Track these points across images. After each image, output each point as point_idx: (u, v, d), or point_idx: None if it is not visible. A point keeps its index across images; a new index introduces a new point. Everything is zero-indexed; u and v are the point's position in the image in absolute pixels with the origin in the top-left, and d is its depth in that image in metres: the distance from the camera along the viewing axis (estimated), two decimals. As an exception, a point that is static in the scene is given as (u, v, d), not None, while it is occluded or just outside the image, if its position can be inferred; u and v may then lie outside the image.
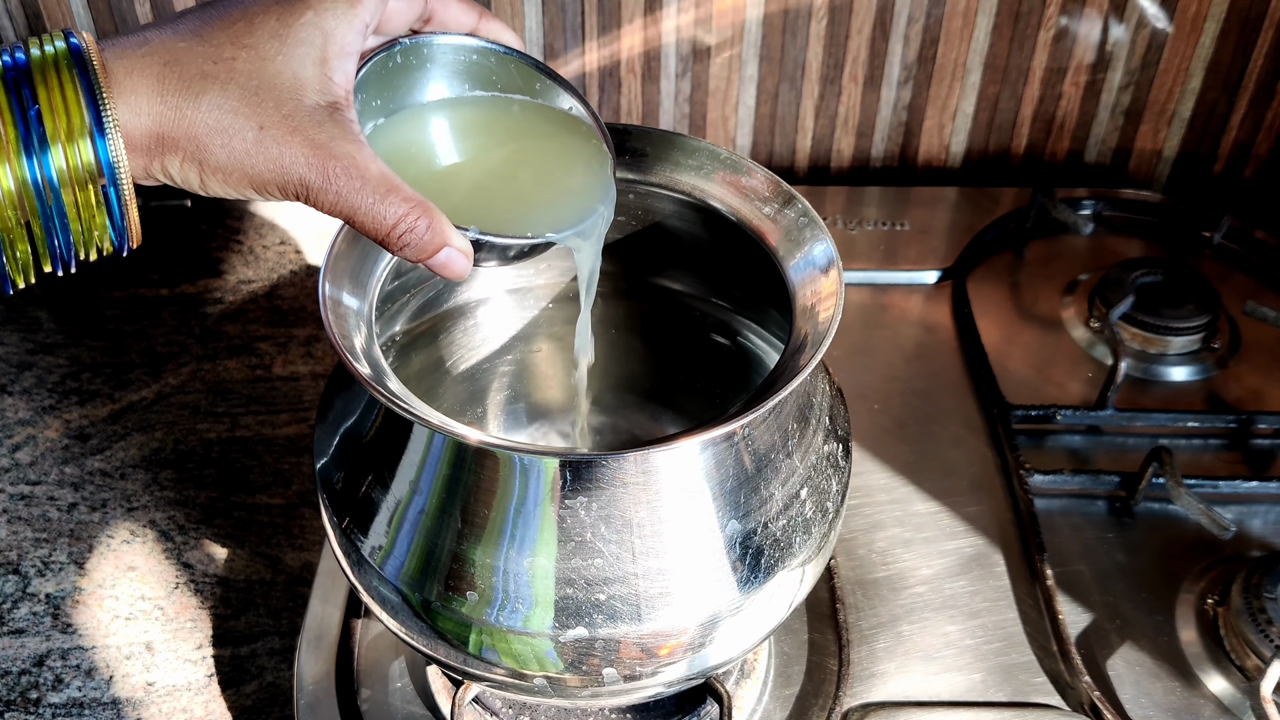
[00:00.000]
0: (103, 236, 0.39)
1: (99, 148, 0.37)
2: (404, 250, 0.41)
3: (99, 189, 0.37)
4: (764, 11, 0.87)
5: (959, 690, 0.59)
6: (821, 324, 0.44)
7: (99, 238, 0.39)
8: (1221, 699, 0.59)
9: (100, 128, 0.36)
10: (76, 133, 0.36)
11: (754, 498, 0.45)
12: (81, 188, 0.37)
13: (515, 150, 0.48)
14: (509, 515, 0.43)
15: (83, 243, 0.38)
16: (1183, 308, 0.79)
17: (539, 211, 0.46)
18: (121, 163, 0.37)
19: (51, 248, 0.38)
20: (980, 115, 0.93)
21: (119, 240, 0.39)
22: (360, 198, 0.39)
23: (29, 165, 0.36)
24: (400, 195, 0.40)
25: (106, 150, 0.37)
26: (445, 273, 0.42)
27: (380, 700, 0.57)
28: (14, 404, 0.77)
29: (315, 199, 0.39)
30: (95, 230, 0.38)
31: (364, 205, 0.40)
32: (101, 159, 0.37)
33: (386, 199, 0.40)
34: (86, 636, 0.63)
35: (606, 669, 0.44)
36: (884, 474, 0.70)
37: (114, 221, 0.38)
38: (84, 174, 0.37)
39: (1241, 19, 0.88)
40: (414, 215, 0.40)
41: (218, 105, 0.38)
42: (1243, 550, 0.66)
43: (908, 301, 0.84)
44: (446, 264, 0.42)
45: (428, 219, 0.41)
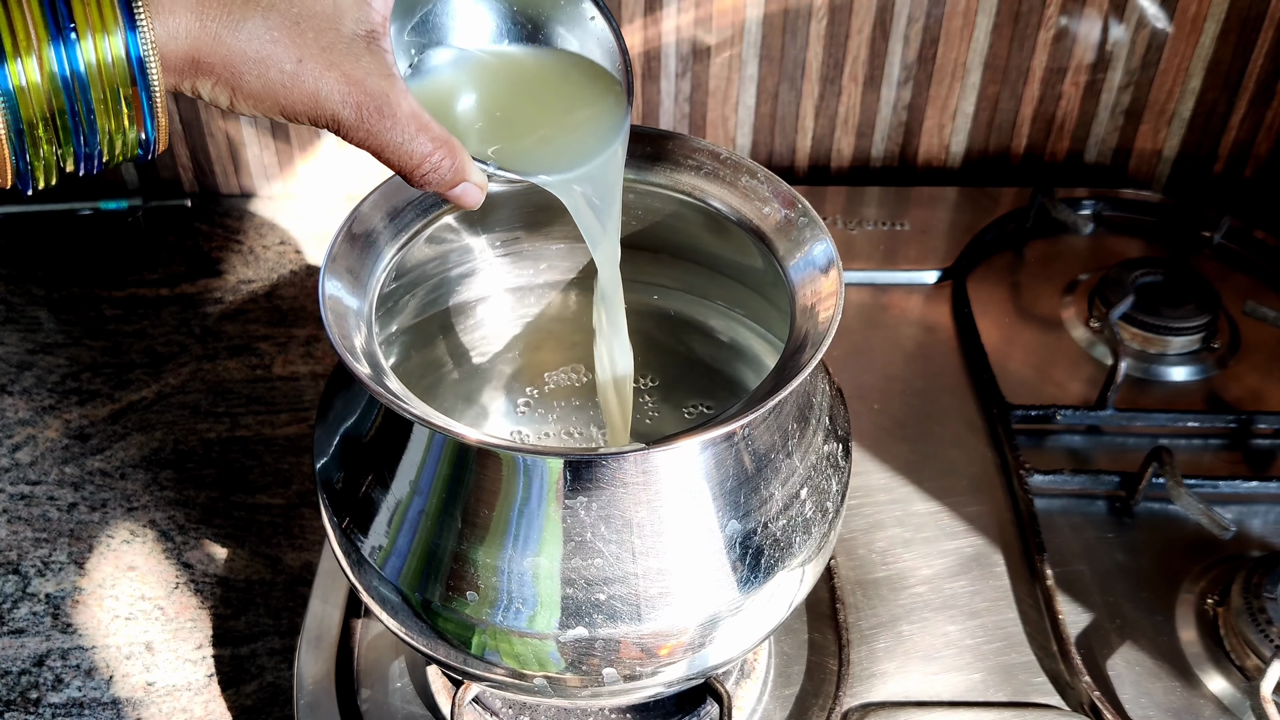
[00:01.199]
0: (131, 138, 0.38)
1: (130, 43, 0.36)
2: (425, 184, 0.42)
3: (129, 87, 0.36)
4: (764, 11, 0.87)
5: (959, 690, 0.59)
6: (821, 324, 0.44)
7: (127, 139, 0.38)
8: (1221, 699, 0.59)
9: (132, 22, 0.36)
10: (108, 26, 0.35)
11: (754, 498, 0.45)
12: (110, 84, 0.36)
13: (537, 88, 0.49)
14: (509, 515, 0.43)
15: (108, 144, 0.38)
16: (1183, 308, 0.79)
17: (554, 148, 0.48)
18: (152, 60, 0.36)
19: (77, 145, 0.37)
20: (980, 115, 0.93)
21: (146, 141, 0.38)
22: (390, 135, 0.40)
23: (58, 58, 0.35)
24: (428, 134, 0.41)
25: (138, 45, 0.36)
26: (460, 202, 0.44)
27: (380, 700, 0.57)
28: (14, 404, 0.77)
29: (345, 133, 0.40)
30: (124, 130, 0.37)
31: (393, 142, 0.40)
32: (132, 54, 0.36)
33: (416, 137, 0.41)
34: (86, 636, 0.63)
35: (606, 669, 0.44)
36: (884, 474, 0.70)
37: (142, 122, 0.38)
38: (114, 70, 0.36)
39: (1241, 19, 0.88)
40: (440, 154, 0.41)
41: (258, 34, 0.37)
42: (1243, 550, 0.66)
43: (908, 301, 0.84)
44: (462, 195, 0.44)
45: (452, 158, 0.42)
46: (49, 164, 0.37)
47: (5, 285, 0.87)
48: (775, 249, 0.50)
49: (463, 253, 0.57)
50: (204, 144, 0.93)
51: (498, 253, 0.58)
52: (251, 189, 0.97)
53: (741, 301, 0.58)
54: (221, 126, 0.92)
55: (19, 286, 0.87)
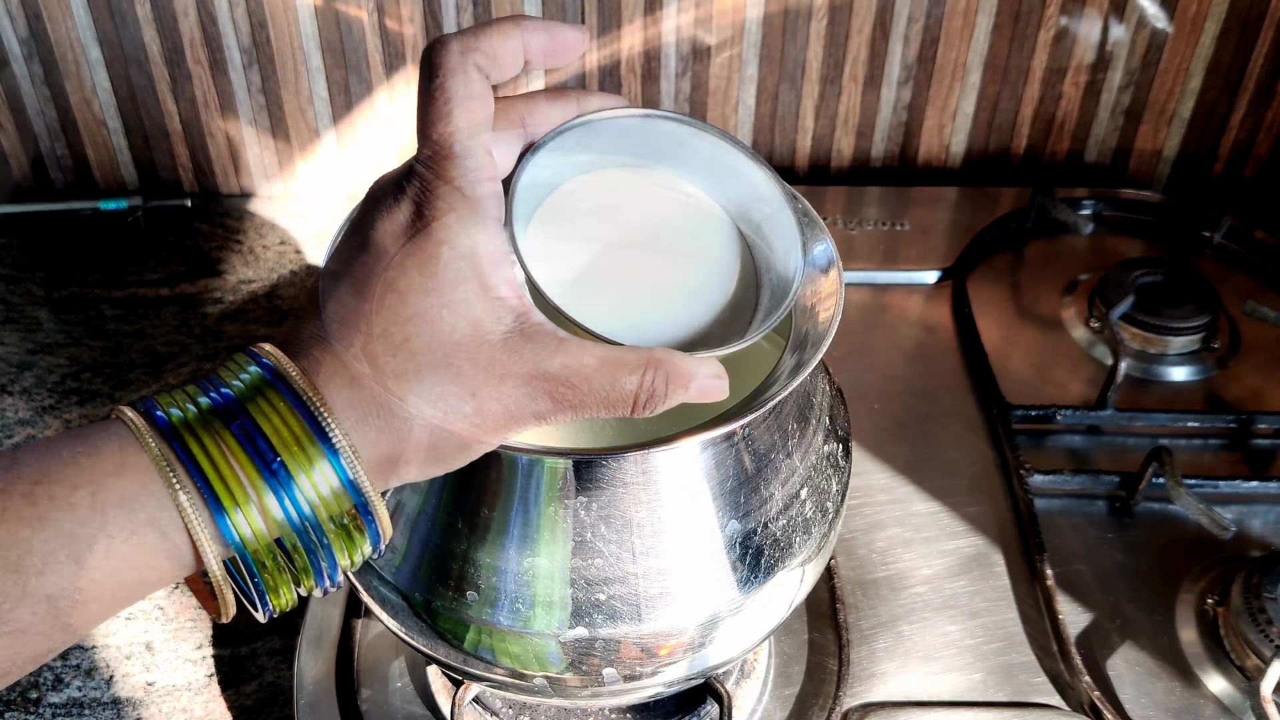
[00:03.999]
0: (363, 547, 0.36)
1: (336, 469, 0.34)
2: (655, 410, 0.38)
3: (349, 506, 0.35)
4: (764, 11, 0.87)
5: (959, 690, 0.59)
6: (821, 324, 0.44)
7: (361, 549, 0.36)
8: (1221, 699, 0.59)
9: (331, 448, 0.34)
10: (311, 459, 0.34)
11: (754, 498, 0.45)
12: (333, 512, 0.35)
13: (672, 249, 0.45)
14: (509, 515, 0.43)
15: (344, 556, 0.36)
16: (1183, 308, 0.79)
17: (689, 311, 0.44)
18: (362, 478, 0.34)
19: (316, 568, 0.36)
20: (980, 115, 0.93)
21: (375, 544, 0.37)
22: (594, 399, 0.37)
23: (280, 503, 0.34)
24: (624, 369, 0.37)
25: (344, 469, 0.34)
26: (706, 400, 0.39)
27: (380, 700, 0.57)
28: (14, 404, 0.77)
29: (555, 420, 0.37)
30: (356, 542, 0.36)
31: (601, 402, 0.37)
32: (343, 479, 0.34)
33: (616, 382, 0.37)
34: (86, 636, 0.63)
35: (606, 669, 0.44)
36: (884, 474, 0.70)
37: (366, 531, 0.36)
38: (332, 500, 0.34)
39: (1241, 19, 0.88)
40: (649, 379, 0.37)
41: (425, 402, 0.35)
42: (1243, 550, 0.66)
43: (908, 301, 0.84)
44: (701, 395, 0.39)
45: (663, 373, 0.37)
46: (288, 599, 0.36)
47: (5, 285, 0.87)
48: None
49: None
50: (204, 144, 0.94)
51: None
52: (251, 189, 0.97)
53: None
54: (221, 126, 0.92)
55: (19, 286, 0.87)
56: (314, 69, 0.89)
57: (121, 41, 0.88)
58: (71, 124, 0.92)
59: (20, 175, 0.95)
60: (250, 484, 0.33)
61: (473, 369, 0.35)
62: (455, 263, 0.36)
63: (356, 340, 0.35)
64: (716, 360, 0.39)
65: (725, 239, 0.45)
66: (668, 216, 0.45)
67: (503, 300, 0.36)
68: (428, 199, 0.36)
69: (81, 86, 0.90)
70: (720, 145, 0.44)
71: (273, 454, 0.33)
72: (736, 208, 0.46)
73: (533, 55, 0.39)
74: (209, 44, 0.88)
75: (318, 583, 0.36)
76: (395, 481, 0.36)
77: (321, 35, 0.88)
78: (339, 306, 0.36)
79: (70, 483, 0.32)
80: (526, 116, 0.41)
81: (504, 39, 0.38)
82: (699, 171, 0.45)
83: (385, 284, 0.36)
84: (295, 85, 0.90)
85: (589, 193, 0.44)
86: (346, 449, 0.34)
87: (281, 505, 0.34)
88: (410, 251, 0.36)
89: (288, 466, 0.33)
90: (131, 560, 0.33)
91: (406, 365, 0.35)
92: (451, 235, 0.36)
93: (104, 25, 0.87)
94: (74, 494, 0.32)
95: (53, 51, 0.88)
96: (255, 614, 0.36)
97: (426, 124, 0.36)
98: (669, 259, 0.44)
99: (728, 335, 0.43)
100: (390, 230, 0.36)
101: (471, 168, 0.36)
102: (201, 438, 0.33)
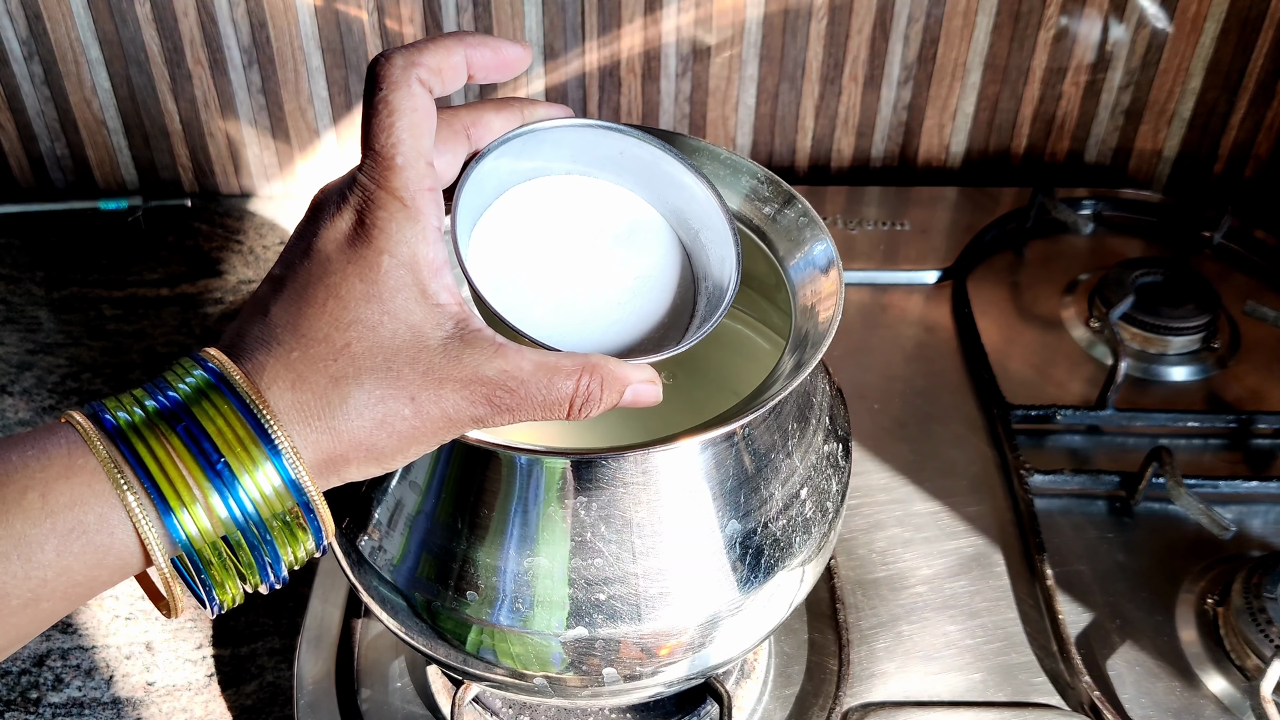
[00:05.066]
0: (307, 545, 0.37)
1: (279, 469, 0.35)
2: (590, 413, 0.39)
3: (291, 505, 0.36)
4: (764, 11, 0.87)
5: (959, 690, 0.59)
6: (821, 324, 0.44)
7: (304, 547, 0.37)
8: (1221, 699, 0.59)
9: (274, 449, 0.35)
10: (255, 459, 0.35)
11: (754, 498, 0.45)
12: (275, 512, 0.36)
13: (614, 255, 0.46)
14: (509, 515, 0.43)
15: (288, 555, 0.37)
16: (1183, 308, 0.79)
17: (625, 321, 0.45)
18: (304, 477, 0.35)
19: (261, 568, 0.37)
20: (980, 115, 0.93)
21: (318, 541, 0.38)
22: (530, 402, 0.37)
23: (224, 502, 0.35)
24: (561, 373, 0.38)
25: (286, 469, 0.35)
26: (642, 404, 0.40)
27: (380, 700, 0.57)
28: (14, 404, 0.77)
29: (492, 424, 0.38)
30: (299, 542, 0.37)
31: (538, 406, 0.38)
32: (286, 479, 0.35)
33: (552, 385, 0.38)
34: (86, 636, 0.63)
35: (606, 669, 0.44)
36: (884, 474, 0.70)
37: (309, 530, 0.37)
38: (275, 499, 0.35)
39: (1241, 19, 0.88)
40: (584, 383, 0.38)
41: (364, 404, 0.36)
42: (1243, 550, 0.66)
43: (908, 301, 0.84)
44: (636, 399, 0.40)
45: (598, 376, 0.39)
46: (234, 595, 0.37)
47: (5, 285, 0.87)
48: (775, 249, 0.50)
49: (463, 253, 0.57)
50: (204, 144, 0.94)
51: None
52: (251, 189, 0.97)
53: (742, 301, 0.58)
54: (221, 126, 0.93)
55: (19, 286, 0.87)
56: (314, 69, 0.89)
57: (121, 41, 0.88)
58: (71, 124, 0.92)
59: (20, 175, 0.95)
60: (196, 484, 0.34)
61: (412, 373, 0.36)
62: (395, 270, 0.37)
63: (299, 345, 0.36)
64: (650, 366, 0.41)
65: (664, 247, 0.47)
66: (609, 224, 0.46)
67: (442, 307, 0.37)
68: (369, 208, 0.37)
69: (81, 86, 0.90)
70: (660, 155, 0.46)
71: (217, 455, 0.34)
72: (676, 216, 0.47)
73: (476, 70, 0.40)
74: (209, 44, 0.88)
75: (263, 579, 0.37)
76: (337, 481, 0.37)
77: (321, 35, 0.88)
78: (283, 311, 0.37)
79: (20, 485, 0.33)
80: (471, 127, 0.42)
81: (447, 54, 0.39)
82: (640, 180, 0.47)
83: (327, 290, 0.37)
84: (295, 85, 0.90)
85: (532, 201, 0.45)
86: (288, 449, 0.35)
87: (226, 505, 0.35)
88: (352, 259, 0.37)
89: (231, 467, 0.34)
90: (82, 559, 0.34)
91: (347, 369, 0.36)
92: (392, 243, 0.37)
93: (104, 25, 0.87)
94: (24, 496, 0.33)
95: (52, 51, 0.88)
96: (205, 610, 0.37)
97: (369, 135, 0.38)
98: (609, 266, 0.45)
99: (664, 341, 0.44)
100: (333, 238, 0.37)
101: (412, 178, 0.37)
102: (148, 440, 0.34)
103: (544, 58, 0.89)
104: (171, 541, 0.34)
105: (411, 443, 0.37)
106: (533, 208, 0.45)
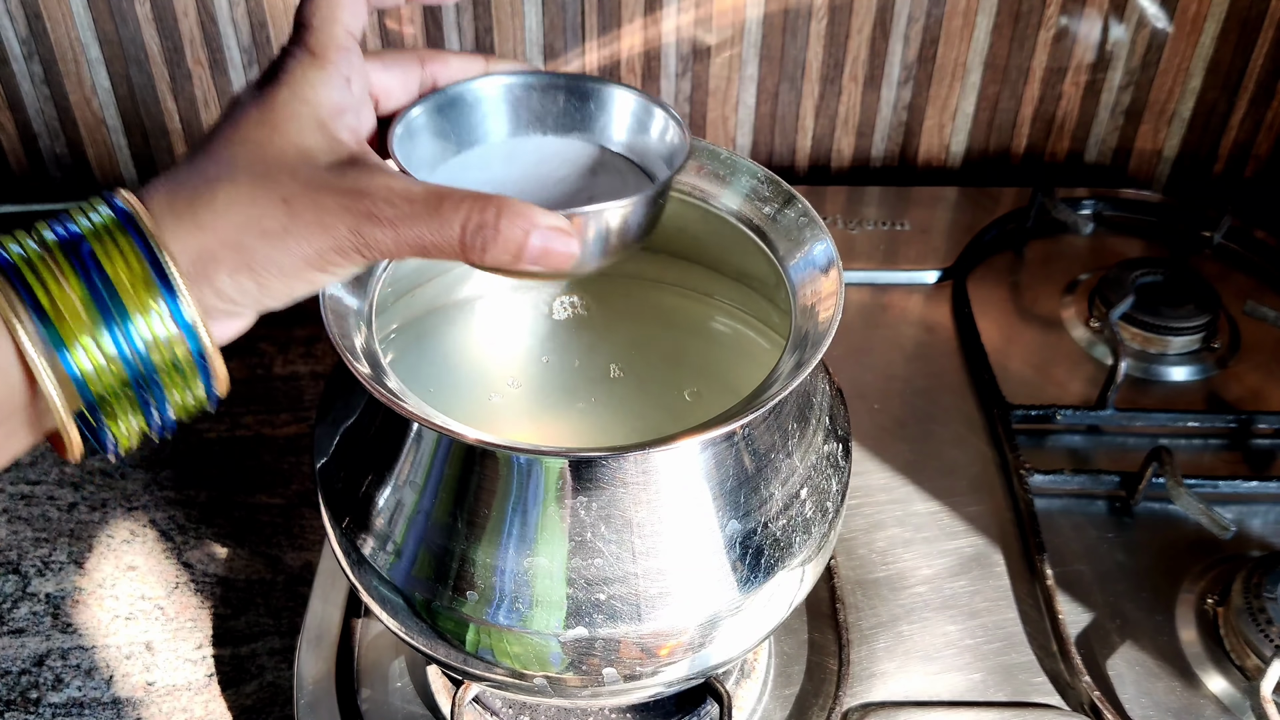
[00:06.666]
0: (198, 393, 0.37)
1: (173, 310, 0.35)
2: (490, 253, 0.36)
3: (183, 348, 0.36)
4: (764, 11, 0.87)
5: (959, 690, 0.59)
6: (821, 324, 0.44)
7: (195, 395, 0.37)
8: (1221, 699, 0.59)
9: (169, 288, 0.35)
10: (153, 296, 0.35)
11: (754, 498, 0.45)
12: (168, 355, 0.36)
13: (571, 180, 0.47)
14: (509, 515, 0.43)
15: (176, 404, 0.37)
16: (1183, 308, 0.79)
17: None
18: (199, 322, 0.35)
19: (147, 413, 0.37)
20: (980, 115, 0.93)
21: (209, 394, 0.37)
22: (416, 221, 0.36)
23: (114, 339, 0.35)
24: (456, 197, 0.36)
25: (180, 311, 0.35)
26: (550, 258, 0.37)
27: (380, 700, 0.57)
28: (14, 404, 0.77)
29: (375, 244, 0.36)
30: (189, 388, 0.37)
31: (424, 226, 0.36)
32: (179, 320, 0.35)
33: (442, 207, 0.36)
34: (86, 636, 0.63)
35: (606, 669, 0.44)
36: (884, 474, 0.70)
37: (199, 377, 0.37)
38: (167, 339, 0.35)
39: (1241, 19, 0.88)
40: (479, 208, 0.36)
41: (233, 199, 0.36)
42: (1243, 550, 0.66)
43: (908, 301, 0.84)
44: (546, 248, 0.37)
45: (495, 206, 0.36)
46: (129, 430, 0.37)
47: (5, 285, 0.87)
48: (775, 249, 0.50)
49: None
50: (204, 144, 0.93)
51: (498, 252, 0.58)
52: (251, 189, 0.96)
53: (742, 301, 0.58)
54: (221, 126, 0.92)
55: (19, 286, 0.86)
56: (314, 69, 0.89)
57: (121, 41, 0.88)
58: (71, 123, 0.92)
59: (20, 174, 0.95)
60: (89, 319, 0.34)
61: (291, 181, 0.36)
62: (293, 103, 0.38)
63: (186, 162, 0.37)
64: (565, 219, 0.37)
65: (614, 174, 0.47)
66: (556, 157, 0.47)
67: (340, 142, 0.38)
68: (282, 61, 0.39)
69: (81, 85, 0.90)
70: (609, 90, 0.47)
71: (112, 291, 0.35)
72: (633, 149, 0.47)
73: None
74: (209, 44, 0.88)
75: (150, 424, 0.37)
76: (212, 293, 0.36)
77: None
78: (188, 154, 0.38)
79: None
80: (430, 61, 0.44)
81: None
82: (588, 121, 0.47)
83: (227, 122, 0.38)
84: (295, 85, 0.90)
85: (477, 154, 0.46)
86: (184, 292, 0.35)
87: (116, 342, 0.35)
88: (256, 99, 0.38)
89: (126, 306, 0.35)
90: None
91: (224, 171, 0.37)
92: (295, 83, 0.38)
93: (104, 25, 0.87)
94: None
95: (52, 50, 0.88)
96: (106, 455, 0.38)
97: (297, 13, 0.40)
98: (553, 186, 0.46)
99: None
100: (248, 91, 0.39)
101: (324, 35, 0.39)
102: (42, 274, 0.34)
103: (544, 57, 0.89)
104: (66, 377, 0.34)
105: (283, 249, 0.36)
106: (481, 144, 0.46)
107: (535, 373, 0.64)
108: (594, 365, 0.59)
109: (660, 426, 0.63)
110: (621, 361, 0.62)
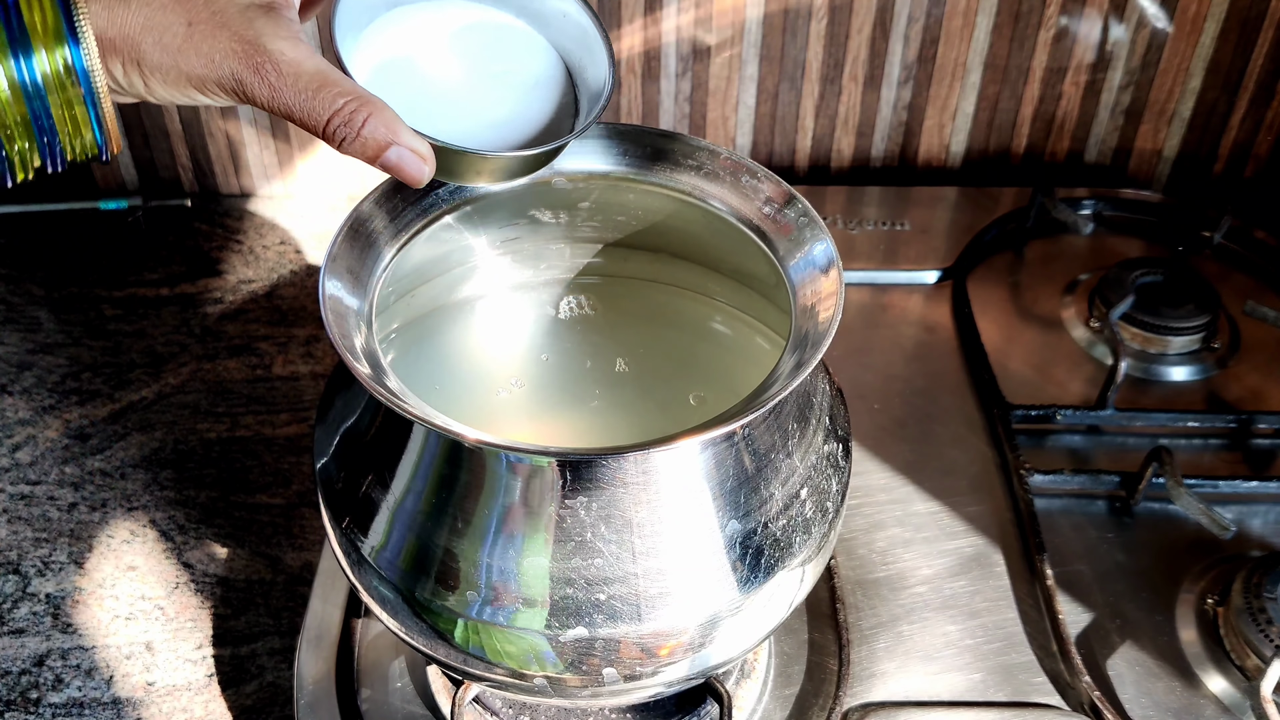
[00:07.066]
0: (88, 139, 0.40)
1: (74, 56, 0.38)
2: (346, 146, 0.41)
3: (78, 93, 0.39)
4: (764, 11, 0.87)
5: (959, 690, 0.59)
6: (821, 324, 0.44)
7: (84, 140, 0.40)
8: (1221, 699, 0.59)
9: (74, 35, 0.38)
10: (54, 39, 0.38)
11: (754, 498, 0.45)
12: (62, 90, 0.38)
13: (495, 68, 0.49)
14: (508, 515, 0.43)
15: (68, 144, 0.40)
16: (1183, 308, 0.79)
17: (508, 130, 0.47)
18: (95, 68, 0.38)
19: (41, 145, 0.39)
20: (980, 115, 0.93)
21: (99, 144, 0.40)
22: (293, 93, 0.39)
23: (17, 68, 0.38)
24: (336, 89, 0.40)
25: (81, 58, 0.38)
26: (401, 174, 0.42)
27: (380, 700, 0.57)
28: (14, 404, 0.77)
29: (251, 94, 0.39)
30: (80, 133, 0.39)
31: (298, 101, 0.40)
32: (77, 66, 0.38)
33: (320, 92, 0.40)
34: (86, 636, 0.63)
35: (606, 669, 0.44)
36: (884, 474, 0.70)
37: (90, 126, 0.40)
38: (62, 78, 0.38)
39: (1241, 19, 0.88)
40: (351, 107, 0.40)
41: (144, 4, 0.39)
42: (1243, 550, 0.66)
43: (908, 301, 0.84)
44: (399, 164, 0.41)
45: (368, 111, 0.40)
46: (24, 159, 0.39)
47: (5, 285, 0.87)
48: (775, 249, 0.50)
49: (463, 252, 0.57)
50: (204, 144, 0.93)
51: (498, 251, 0.58)
52: (251, 189, 0.97)
53: (742, 301, 0.58)
54: (221, 126, 0.92)
55: (19, 286, 0.87)
56: (314, 69, 0.89)
57: (121, 41, 0.88)
58: (71, 124, 0.92)
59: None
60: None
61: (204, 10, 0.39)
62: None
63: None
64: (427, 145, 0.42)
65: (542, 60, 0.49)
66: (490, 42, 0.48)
67: None
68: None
69: (81, 86, 0.90)
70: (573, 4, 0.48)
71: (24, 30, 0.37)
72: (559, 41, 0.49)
73: None
74: (209, 44, 0.88)
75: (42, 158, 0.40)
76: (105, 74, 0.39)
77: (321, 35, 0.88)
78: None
79: None
80: None
81: None
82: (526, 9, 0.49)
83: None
84: (295, 85, 0.90)
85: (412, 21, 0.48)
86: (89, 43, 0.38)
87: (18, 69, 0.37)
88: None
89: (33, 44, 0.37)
90: None
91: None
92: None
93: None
94: None
95: (53, 51, 0.88)
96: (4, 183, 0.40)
97: None
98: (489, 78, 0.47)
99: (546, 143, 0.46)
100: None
101: None
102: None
103: (544, 58, 0.89)
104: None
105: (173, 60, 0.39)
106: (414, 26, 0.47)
107: (536, 372, 0.64)
108: (594, 365, 0.59)
109: (661, 426, 0.63)
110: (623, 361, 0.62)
